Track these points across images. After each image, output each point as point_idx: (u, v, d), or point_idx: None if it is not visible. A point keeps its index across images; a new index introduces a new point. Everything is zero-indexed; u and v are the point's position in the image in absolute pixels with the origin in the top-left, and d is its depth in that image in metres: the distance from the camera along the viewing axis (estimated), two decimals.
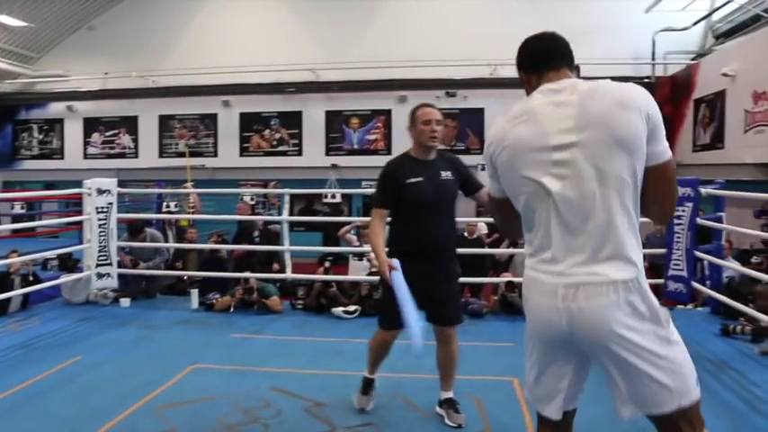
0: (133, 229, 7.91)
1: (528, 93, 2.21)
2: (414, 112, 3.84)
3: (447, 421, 3.84)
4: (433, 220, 3.76)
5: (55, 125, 16.60)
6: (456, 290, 4.01)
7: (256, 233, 8.86)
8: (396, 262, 3.51)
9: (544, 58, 2.17)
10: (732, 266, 6.75)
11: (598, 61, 13.58)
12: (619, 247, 1.95)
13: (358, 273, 7.93)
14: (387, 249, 3.72)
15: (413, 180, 3.71)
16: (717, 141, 11.98)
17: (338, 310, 6.79)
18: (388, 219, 3.86)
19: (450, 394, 3.95)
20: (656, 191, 2.02)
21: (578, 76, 2.16)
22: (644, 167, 1.98)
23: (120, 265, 7.52)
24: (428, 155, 3.82)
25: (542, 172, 2.00)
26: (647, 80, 14.20)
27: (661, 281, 6.83)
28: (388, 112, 14.91)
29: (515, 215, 2.17)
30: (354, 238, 8.08)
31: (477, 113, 14.98)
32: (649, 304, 1.97)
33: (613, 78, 8.60)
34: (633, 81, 9.66)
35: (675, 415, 2.04)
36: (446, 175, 3.79)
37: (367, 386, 4.08)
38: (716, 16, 13.94)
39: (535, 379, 2.22)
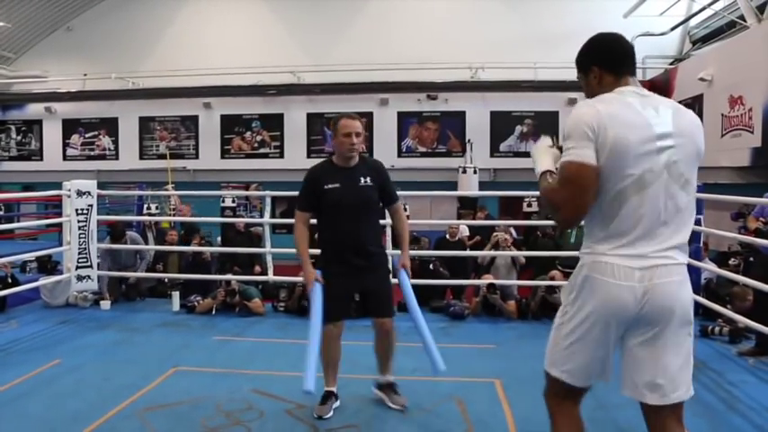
0: (115, 234, 7.84)
1: (593, 89, 2.41)
2: (336, 123, 4.02)
3: (389, 403, 4.08)
4: (351, 222, 4.00)
5: (33, 126, 16.41)
6: (388, 284, 4.21)
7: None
8: (318, 273, 4.00)
9: (626, 61, 2.38)
10: (710, 268, 6.84)
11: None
12: (684, 239, 2.28)
13: None
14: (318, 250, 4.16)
15: (330, 186, 3.98)
16: None
17: None
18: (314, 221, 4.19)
19: (390, 378, 4.20)
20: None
21: None
22: None
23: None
24: (348, 162, 4.05)
25: (646, 164, 2.19)
26: None
27: None
28: (369, 115, 14.91)
29: (594, 196, 2.24)
30: None
31: (458, 116, 15.04)
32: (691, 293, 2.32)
33: None
34: None
35: (679, 406, 2.32)
36: (365, 180, 4.03)
37: (326, 398, 4.11)
38: (693, 22, 14.16)
39: (577, 352, 2.39)
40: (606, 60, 2.37)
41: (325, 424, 3.88)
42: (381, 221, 5.25)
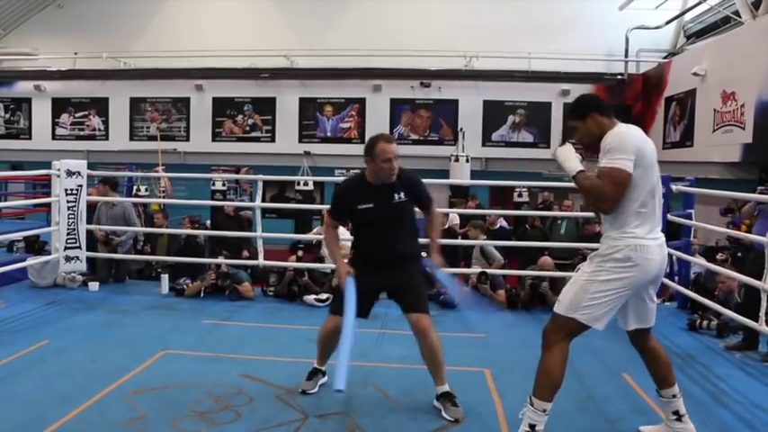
0: (109, 183, 7.82)
1: (590, 131, 3.39)
2: (373, 147, 3.87)
3: (444, 414, 3.83)
4: (385, 237, 3.98)
5: (22, 104, 16.24)
6: (419, 280, 4.07)
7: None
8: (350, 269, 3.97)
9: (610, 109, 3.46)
10: (700, 262, 6.88)
11: (571, 56, 13.72)
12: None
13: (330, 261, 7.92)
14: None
15: (364, 206, 3.93)
16: (686, 139, 12.19)
17: (310, 297, 6.79)
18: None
19: (445, 388, 3.94)
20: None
21: None
22: None
23: (91, 244, 7.41)
24: (387, 180, 3.94)
25: (656, 176, 3.28)
26: (619, 77, 14.38)
27: None
28: (362, 101, 14.87)
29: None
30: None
31: (451, 104, 15.03)
32: None
33: (586, 74, 8.92)
34: (606, 77, 9.87)
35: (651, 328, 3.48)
36: (399, 197, 3.95)
37: (312, 374, 4.23)
38: (688, 16, 14.18)
39: (604, 304, 3.26)
40: (605, 110, 3.42)
41: (315, 410, 3.88)
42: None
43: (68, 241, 7.11)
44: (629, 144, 3.17)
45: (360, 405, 3.99)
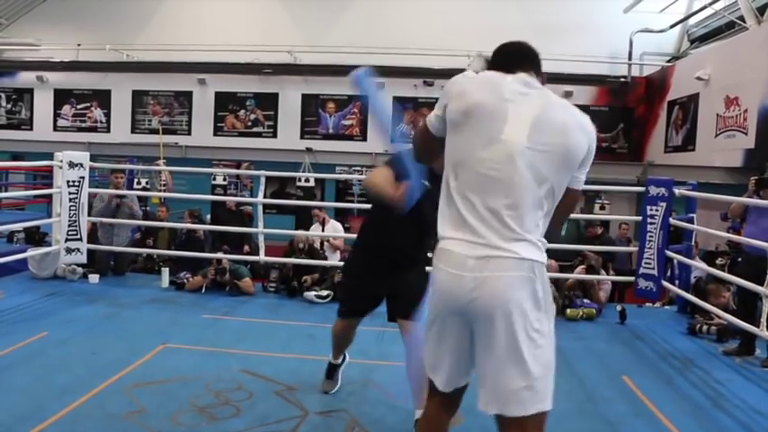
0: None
1: None
2: None
3: None
4: (396, 227, 3.63)
5: (24, 95, 16.20)
6: (414, 286, 3.57)
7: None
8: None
9: (514, 59, 2.26)
10: (702, 267, 6.89)
11: (575, 58, 13.71)
12: (528, 231, 2.04)
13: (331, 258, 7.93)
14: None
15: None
16: (688, 143, 12.18)
17: (310, 294, 6.78)
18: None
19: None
20: (563, 208, 2.16)
21: (543, 84, 2.25)
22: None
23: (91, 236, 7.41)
24: None
25: (490, 144, 2.08)
26: (623, 79, 14.37)
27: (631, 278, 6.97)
28: (365, 98, 14.83)
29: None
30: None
31: None
32: (546, 294, 2.07)
33: (589, 76, 8.82)
34: (609, 80, 9.84)
35: (529, 421, 2.03)
36: (426, 183, 3.53)
37: (331, 371, 4.14)
38: (692, 21, 14.16)
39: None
40: (498, 63, 2.32)
41: (315, 407, 3.88)
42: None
43: (69, 233, 7.09)
44: (447, 87, 2.21)
45: (360, 402, 3.99)
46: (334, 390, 4.11)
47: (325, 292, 6.76)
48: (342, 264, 6.95)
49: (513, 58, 2.26)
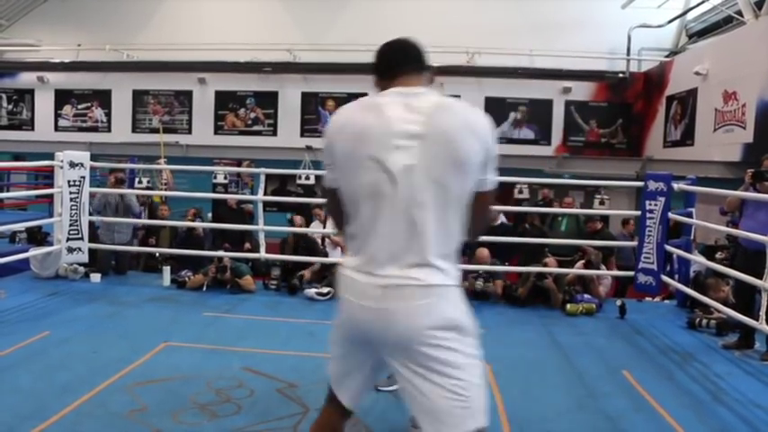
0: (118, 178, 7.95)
1: None
2: None
3: None
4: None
5: (25, 95, 16.22)
6: None
7: None
8: None
9: (395, 63, 2.16)
10: (701, 261, 6.90)
11: (574, 54, 13.72)
12: (430, 254, 1.95)
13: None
14: None
15: None
16: (687, 138, 12.19)
17: (311, 291, 6.80)
18: None
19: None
20: (476, 213, 2.06)
21: (432, 81, 2.18)
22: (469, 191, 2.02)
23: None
24: None
25: (377, 166, 1.96)
26: (620, 75, 14.36)
27: (631, 273, 6.99)
28: (364, 96, 14.81)
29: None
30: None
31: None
32: (461, 314, 1.99)
33: (588, 72, 8.72)
34: (607, 75, 9.81)
35: None
36: None
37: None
38: (690, 15, 14.16)
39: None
40: (379, 70, 2.19)
41: (316, 403, 3.86)
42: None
43: (71, 232, 7.12)
44: (326, 133, 2.12)
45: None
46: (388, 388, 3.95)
47: (325, 290, 6.78)
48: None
49: (395, 62, 2.15)
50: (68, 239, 7.11)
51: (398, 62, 2.15)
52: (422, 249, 1.93)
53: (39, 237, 8.47)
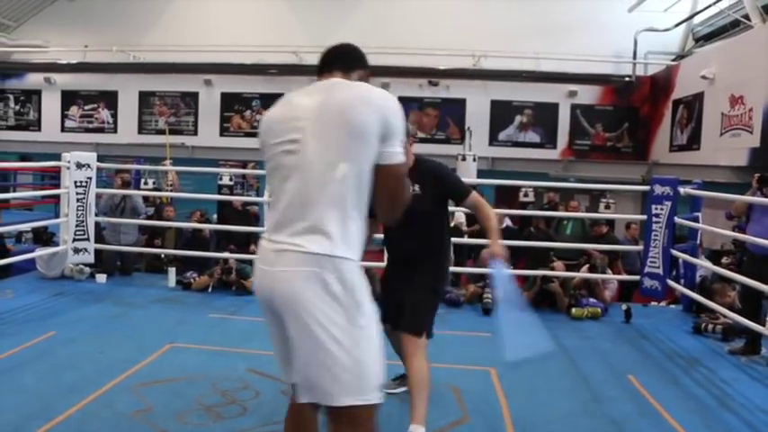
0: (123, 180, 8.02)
1: None
2: None
3: None
4: (400, 234, 3.60)
5: (32, 96, 16.31)
6: (422, 296, 3.59)
7: None
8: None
9: (322, 65, 2.30)
10: (707, 265, 6.88)
11: (579, 57, 13.71)
12: (318, 223, 2.00)
13: None
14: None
15: None
16: (693, 142, 12.17)
17: None
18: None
19: (418, 429, 3.33)
20: (383, 189, 2.08)
21: (366, 80, 2.26)
22: (372, 164, 2.04)
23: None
24: None
25: (281, 149, 2.10)
26: (627, 78, 14.35)
27: (637, 278, 6.98)
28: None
29: None
30: None
31: (459, 104, 15.04)
32: (347, 288, 1.99)
33: (594, 76, 8.64)
34: (614, 79, 9.80)
35: (338, 415, 2.01)
36: (413, 189, 3.34)
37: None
38: (697, 19, 14.15)
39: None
40: (318, 71, 2.32)
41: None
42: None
43: (77, 233, 7.14)
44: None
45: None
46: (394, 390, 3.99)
47: None
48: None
49: (325, 62, 2.30)
50: (74, 240, 7.13)
51: (328, 62, 2.29)
52: (310, 218, 1.99)
53: (45, 237, 8.51)
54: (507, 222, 9.50)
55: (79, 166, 7.16)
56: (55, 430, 3.42)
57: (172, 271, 7.29)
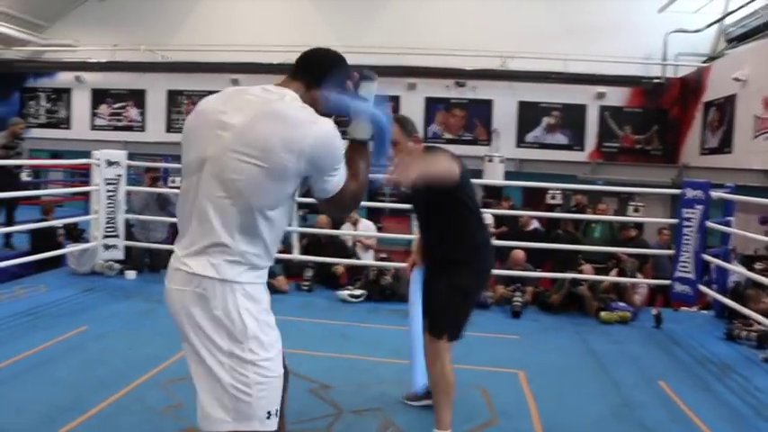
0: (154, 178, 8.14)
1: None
2: None
3: None
4: (424, 229, 3.64)
5: (63, 95, 16.56)
6: (442, 300, 3.39)
7: None
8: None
9: (294, 68, 2.18)
10: (740, 271, 6.77)
11: (608, 59, 13.58)
12: (206, 246, 1.94)
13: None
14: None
15: (407, 190, 3.46)
16: (725, 145, 12.00)
17: (344, 293, 6.79)
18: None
19: None
20: (327, 209, 2.12)
21: (314, 89, 2.14)
22: (289, 198, 1.99)
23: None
24: None
25: (193, 155, 2.01)
26: (656, 80, 14.19)
27: (667, 282, 6.89)
28: (396, 99, 14.86)
29: None
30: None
31: (486, 105, 14.98)
32: (228, 314, 1.94)
33: (623, 77, 8.58)
34: (643, 81, 9.67)
35: None
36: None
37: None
38: (729, 20, 13.91)
39: None
40: None
41: (349, 405, 3.89)
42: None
43: (107, 230, 7.22)
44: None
45: (394, 402, 4.00)
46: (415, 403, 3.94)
47: (358, 292, 6.77)
48: (380, 263, 7.09)
49: (296, 66, 2.17)
50: (105, 236, 7.21)
51: (296, 68, 2.17)
52: (202, 241, 1.93)
53: (75, 233, 8.60)
54: (535, 224, 9.43)
55: (110, 163, 7.24)
56: (88, 423, 3.46)
57: None
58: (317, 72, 2.14)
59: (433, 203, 3.40)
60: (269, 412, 1.97)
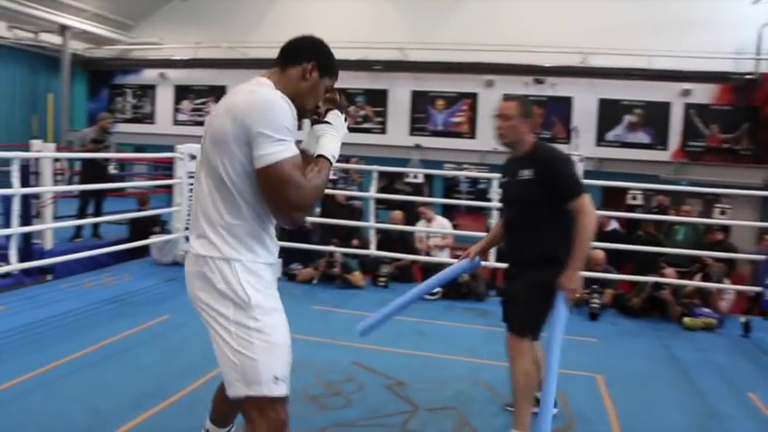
0: None
1: (292, 82, 2.42)
2: None
3: None
4: (510, 220, 3.56)
5: (147, 91, 17.12)
6: (528, 294, 3.33)
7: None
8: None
9: (277, 57, 2.44)
10: None
11: (695, 54, 13.06)
12: (202, 231, 2.17)
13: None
14: None
15: (503, 179, 3.61)
16: None
17: None
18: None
19: None
20: (264, 192, 2.10)
21: (285, 71, 2.37)
22: (248, 169, 2.10)
23: None
24: (516, 151, 3.46)
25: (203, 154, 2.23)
26: (748, 76, 13.54)
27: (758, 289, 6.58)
28: (474, 96, 14.71)
29: None
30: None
31: (565, 102, 14.64)
32: (231, 286, 2.13)
33: (711, 73, 8.28)
34: (733, 77, 9.26)
35: (244, 403, 2.15)
36: (525, 174, 3.34)
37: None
38: None
39: None
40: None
41: (425, 403, 3.88)
42: None
43: (189, 221, 7.42)
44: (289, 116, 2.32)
45: (469, 402, 3.96)
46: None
47: (436, 289, 6.73)
48: (447, 261, 7.00)
49: (277, 56, 2.40)
50: (186, 228, 7.42)
51: (278, 56, 2.42)
52: (201, 223, 2.17)
53: (159, 225, 8.88)
54: (614, 225, 9.16)
55: (192, 157, 7.44)
56: (170, 409, 3.58)
57: (277, 262, 7.45)
58: (287, 56, 2.37)
59: (534, 197, 3.33)
60: (275, 377, 2.13)
